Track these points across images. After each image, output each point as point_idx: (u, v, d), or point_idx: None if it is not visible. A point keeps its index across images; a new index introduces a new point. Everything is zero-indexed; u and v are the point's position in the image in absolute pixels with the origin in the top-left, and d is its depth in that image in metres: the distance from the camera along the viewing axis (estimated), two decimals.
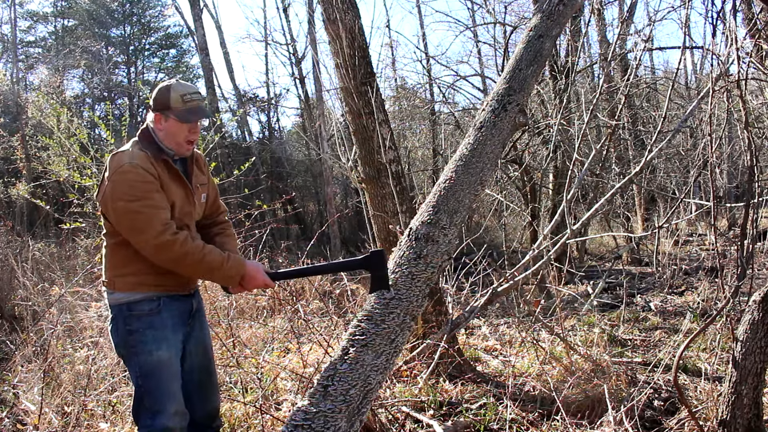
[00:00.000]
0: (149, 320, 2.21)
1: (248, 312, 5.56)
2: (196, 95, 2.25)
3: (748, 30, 3.92)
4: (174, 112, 2.21)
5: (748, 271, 2.85)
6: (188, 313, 2.35)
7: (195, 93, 2.26)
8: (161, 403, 2.18)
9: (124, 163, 2.11)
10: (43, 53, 19.21)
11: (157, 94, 2.26)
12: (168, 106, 2.22)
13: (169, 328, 2.24)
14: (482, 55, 10.92)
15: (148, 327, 2.20)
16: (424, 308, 2.45)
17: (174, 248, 2.08)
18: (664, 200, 8.90)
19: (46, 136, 7.27)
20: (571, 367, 3.75)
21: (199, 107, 2.27)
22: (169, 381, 2.21)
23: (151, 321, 2.21)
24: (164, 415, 2.17)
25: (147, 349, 2.19)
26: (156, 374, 2.19)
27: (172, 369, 2.23)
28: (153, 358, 2.19)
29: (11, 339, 4.75)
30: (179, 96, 2.21)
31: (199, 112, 2.26)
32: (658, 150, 3.72)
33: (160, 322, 2.22)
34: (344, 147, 4.68)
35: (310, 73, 16.62)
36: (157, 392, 2.19)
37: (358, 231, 11.54)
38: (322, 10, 4.01)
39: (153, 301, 2.21)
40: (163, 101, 2.23)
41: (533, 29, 2.86)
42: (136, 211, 2.07)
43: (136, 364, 2.22)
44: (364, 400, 1.86)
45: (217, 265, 2.15)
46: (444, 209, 2.31)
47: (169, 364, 2.21)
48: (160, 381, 2.19)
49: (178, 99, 2.21)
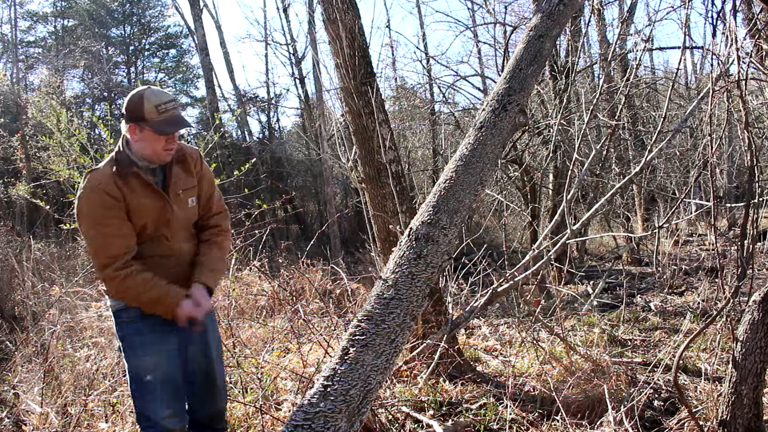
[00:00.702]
0: (135, 326, 2.22)
1: (248, 312, 5.56)
2: (171, 104, 2.12)
3: (748, 30, 3.92)
4: (149, 124, 2.09)
5: (748, 271, 2.85)
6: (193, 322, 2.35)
7: (170, 101, 2.12)
8: (153, 406, 2.19)
9: (90, 184, 2.08)
10: (43, 53, 19.20)
11: (129, 104, 2.12)
12: (142, 117, 2.09)
13: (157, 332, 2.23)
14: (482, 55, 10.93)
15: (135, 333, 2.22)
16: (424, 308, 2.45)
17: (114, 283, 2.10)
18: (664, 200, 8.90)
19: (46, 136, 7.27)
20: (571, 367, 3.75)
21: (175, 117, 2.13)
22: (160, 384, 2.21)
23: (138, 327, 2.22)
24: (158, 417, 2.19)
25: (135, 354, 2.21)
26: (144, 378, 2.20)
27: (160, 372, 2.22)
28: (141, 363, 2.21)
29: (11, 339, 4.74)
30: (153, 107, 2.08)
31: (176, 123, 2.13)
32: (658, 150, 3.72)
33: (147, 328, 2.22)
34: (344, 147, 4.68)
35: (310, 73, 16.65)
36: (148, 396, 2.20)
37: (358, 231, 11.54)
38: (322, 10, 4.01)
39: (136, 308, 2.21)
40: (136, 112, 2.10)
41: (533, 29, 2.85)
42: (91, 237, 2.08)
43: (128, 369, 2.24)
44: (364, 400, 1.86)
45: (157, 298, 2.14)
46: (444, 209, 2.31)
47: (156, 368, 2.21)
48: (149, 384, 2.20)
49: (152, 110, 2.08)
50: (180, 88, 21.54)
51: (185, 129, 2.19)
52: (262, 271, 5.59)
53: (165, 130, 2.10)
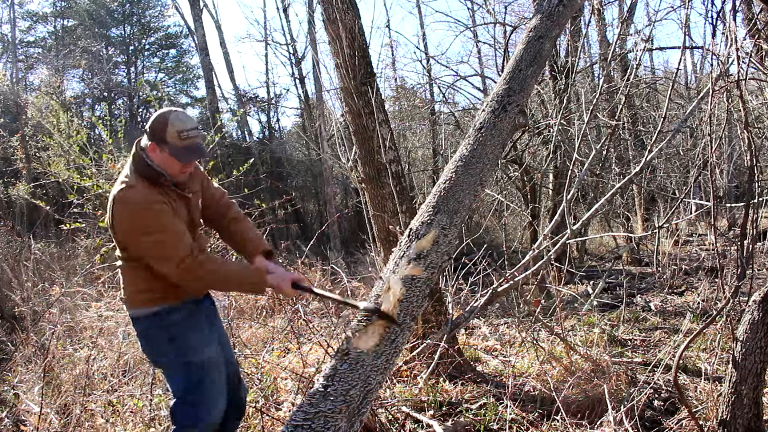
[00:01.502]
0: (188, 323, 2.24)
1: (248, 312, 5.56)
2: (194, 131, 2.14)
3: (748, 30, 3.93)
4: (169, 147, 2.11)
5: (748, 271, 2.85)
6: (213, 313, 2.43)
7: (193, 129, 2.14)
8: (212, 401, 2.23)
9: (138, 204, 2.07)
10: (43, 53, 19.20)
11: (153, 123, 2.14)
12: (164, 140, 2.11)
13: (207, 328, 2.31)
14: (482, 55, 10.93)
15: (190, 329, 2.24)
16: (424, 308, 2.45)
17: (200, 270, 2.12)
18: (664, 200, 8.90)
19: (46, 136, 7.26)
20: (571, 367, 3.75)
21: (196, 146, 2.14)
22: (218, 377, 2.26)
23: (191, 324, 2.25)
24: (215, 411, 2.23)
25: (195, 351, 2.22)
26: (208, 373, 2.23)
27: (220, 365, 2.29)
28: (202, 358, 2.22)
29: (11, 339, 4.74)
30: (176, 132, 2.10)
31: (196, 152, 2.15)
32: (658, 150, 3.72)
33: (200, 324, 2.28)
34: (344, 147, 4.68)
35: (310, 73, 16.65)
36: (209, 391, 2.23)
37: (358, 231, 11.54)
38: (322, 10, 4.01)
39: (183, 307, 2.25)
40: (159, 133, 2.12)
41: (533, 30, 2.85)
42: (162, 241, 2.08)
43: (183, 370, 2.23)
44: (365, 401, 1.87)
45: (237, 278, 2.20)
46: (444, 210, 2.31)
47: (217, 361, 2.28)
48: (211, 379, 2.24)
49: (174, 134, 2.10)
50: (180, 88, 21.59)
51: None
52: None
53: (183, 158, 2.13)
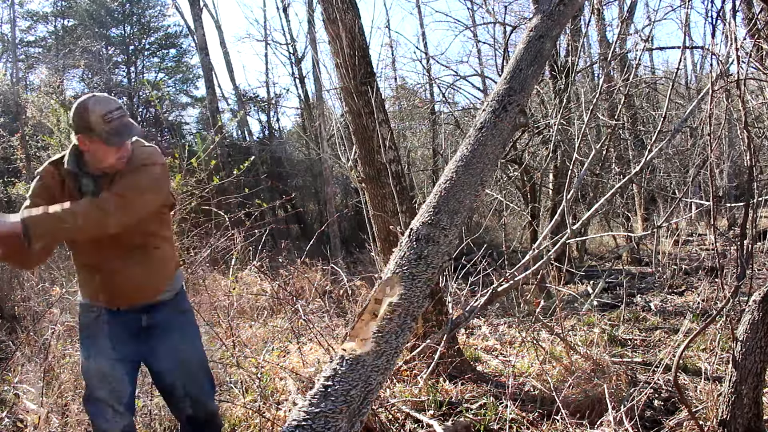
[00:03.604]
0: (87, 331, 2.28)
1: (248, 312, 5.56)
2: (117, 112, 2.04)
3: (748, 30, 3.92)
4: (97, 134, 2.02)
5: (748, 271, 2.85)
6: (136, 329, 2.28)
7: (116, 110, 2.04)
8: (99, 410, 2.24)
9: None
10: (43, 53, 19.19)
11: (74, 115, 2.05)
12: (90, 127, 2.02)
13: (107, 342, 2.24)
14: (482, 55, 10.93)
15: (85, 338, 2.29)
16: (424, 308, 2.45)
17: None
18: (664, 200, 8.90)
19: (47, 135, 7.26)
20: (571, 367, 3.75)
21: (123, 125, 2.05)
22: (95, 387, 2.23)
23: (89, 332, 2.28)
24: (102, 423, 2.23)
25: (84, 357, 2.27)
26: (87, 379, 2.26)
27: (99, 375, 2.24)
28: (86, 367, 2.26)
29: (11, 339, 4.74)
30: (100, 117, 2.01)
31: (125, 131, 2.05)
32: (658, 150, 3.72)
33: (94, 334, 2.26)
34: (344, 147, 4.68)
35: (310, 73, 16.65)
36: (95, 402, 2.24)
37: (358, 231, 11.53)
38: (322, 10, 4.01)
39: (91, 310, 2.27)
40: (83, 122, 2.03)
41: (534, 29, 2.85)
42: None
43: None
44: (365, 401, 1.86)
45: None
46: (444, 210, 2.31)
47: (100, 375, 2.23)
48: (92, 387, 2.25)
49: (99, 120, 2.01)
50: (180, 88, 21.58)
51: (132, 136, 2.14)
52: (262, 271, 5.59)
53: (114, 141, 2.05)
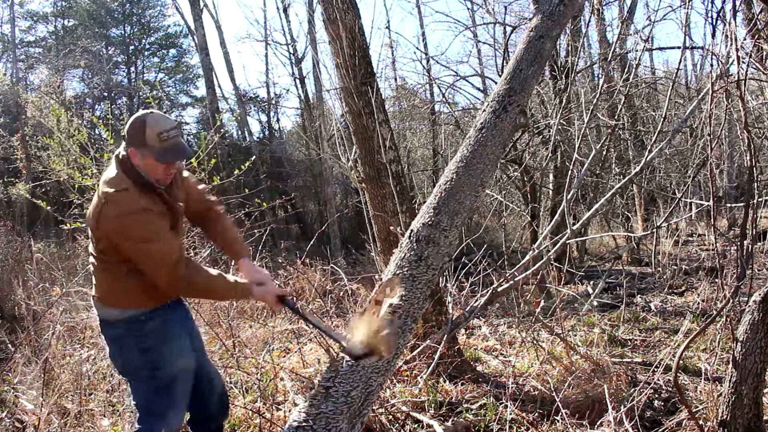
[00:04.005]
0: (162, 334, 2.23)
1: (248, 312, 5.56)
2: (173, 132, 2.11)
3: (748, 30, 3.92)
4: (150, 150, 2.08)
5: (748, 271, 2.85)
6: (188, 316, 2.41)
7: (172, 129, 2.11)
8: (176, 409, 2.24)
9: (129, 207, 2.05)
10: (43, 53, 19.19)
11: (131, 129, 2.10)
12: (144, 143, 2.07)
13: (183, 336, 2.30)
14: (482, 55, 10.95)
15: (164, 341, 2.23)
16: (425, 309, 2.45)
17: (189, 281, 2.12)
18: (664, 200, 8.91)
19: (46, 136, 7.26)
20: (571, 367, 3.75)
21: (178, 146, 2.12)
22: (183, 386, 2.26)
23: (165, 335, 2.24)
24: (177, 417, 2.23)
25: (166, 360, 2.21)
26: (177, 384, 2.23)
27: (190, 373, 2.29)
28: (174, 370, 2.22)
29: (11, 339, 4.74)
30: (155, 134, 2.07)
31: (178, 152, 2.12)
32: (658, 150, 3.72)
33: (172, 334, 2.26)
34: (344, 147, 4.68)
35: (310, 73, 16.65)
36: (175, 400, 2.24)
37: (358, 231, 11.54)
38: (322, 10, 4.01)
39: (158, 313, 2.23)
40: (138, 137, 2.08)
41: (534, 30, 2.85)
42: (154, 251, 2.07)
43: (151, 382, 2.22)
44: (366, 402, 1.87)
45: (224, 290, 2.20)
46: (445, 211, 2.31)
47: (188, 369, 2.27)
48: (178, 388, 2.24)
49: (154, 137, 2.07)
50: (180, 88, 21.60)
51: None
52: None
53: (167, 159, 2.10)
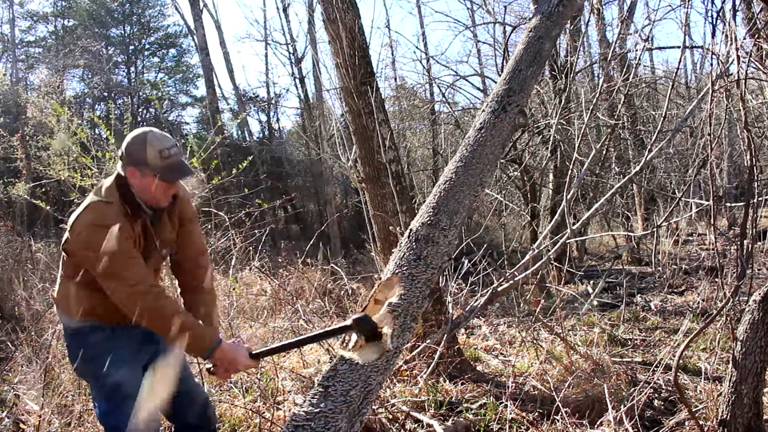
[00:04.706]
0: (106, 345, 2.12)
1: (248, 312, 5.56)
2: (174, 149, 2.02)
3: (748, 30, 3.92)
4: (151, 169, 1.99)
5: (748, 270, 2.85)
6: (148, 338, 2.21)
7: (173, 147, 2.03)
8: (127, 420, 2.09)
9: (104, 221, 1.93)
10: (43, 53, 19.18)
11: (130, 147, 2.01)
12: (144, 162, 1.99)
13: (128, 349, 2.15)
14: (482, 55, 10.97)
15: (105, 352, 2.10)
16: (424, 308, 2.45)
17: (147, 298, 1.95)
18: (664, 200, 8.91)
19: (47, 136, 7.27)
20: (571, 366, 3.75)
21: (179, 165, 2.04)
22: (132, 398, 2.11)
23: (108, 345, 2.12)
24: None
25: (112, 370, 2.10)
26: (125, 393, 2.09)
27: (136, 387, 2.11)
28: (117, 380, 2.09)
29: (11, 339, 4.74)
30: (157, 152, 1.98)
31: (180, 171, 2.04)
32: (658, 150, 3.72)
33: (116, 345, 2.13)
34: (344, 147, 4.69)
35: (310, 73, 16.65)
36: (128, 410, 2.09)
37: (358, 231, 11.54)
38: (322, 9, 4.01)
39: (106, 328, 2.13)
40: (138, 155, 1.99)
41: (533, 30, 2.86)
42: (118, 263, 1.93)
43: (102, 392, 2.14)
44: (365, 401, 1.86)
45: (186, 328, 1.97)
46: (444, 210, 2.31)
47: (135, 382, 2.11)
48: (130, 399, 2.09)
49: (155, 155, 1.98)
50: (180, 88, 21.59)
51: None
52: (262, 271, 5.60)
53: (169, 178, 2.03)
